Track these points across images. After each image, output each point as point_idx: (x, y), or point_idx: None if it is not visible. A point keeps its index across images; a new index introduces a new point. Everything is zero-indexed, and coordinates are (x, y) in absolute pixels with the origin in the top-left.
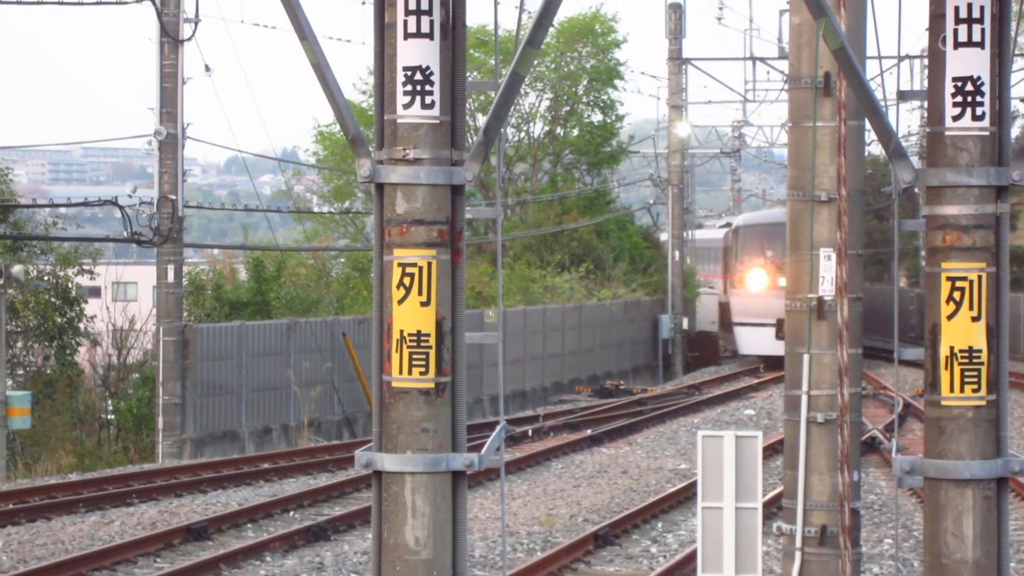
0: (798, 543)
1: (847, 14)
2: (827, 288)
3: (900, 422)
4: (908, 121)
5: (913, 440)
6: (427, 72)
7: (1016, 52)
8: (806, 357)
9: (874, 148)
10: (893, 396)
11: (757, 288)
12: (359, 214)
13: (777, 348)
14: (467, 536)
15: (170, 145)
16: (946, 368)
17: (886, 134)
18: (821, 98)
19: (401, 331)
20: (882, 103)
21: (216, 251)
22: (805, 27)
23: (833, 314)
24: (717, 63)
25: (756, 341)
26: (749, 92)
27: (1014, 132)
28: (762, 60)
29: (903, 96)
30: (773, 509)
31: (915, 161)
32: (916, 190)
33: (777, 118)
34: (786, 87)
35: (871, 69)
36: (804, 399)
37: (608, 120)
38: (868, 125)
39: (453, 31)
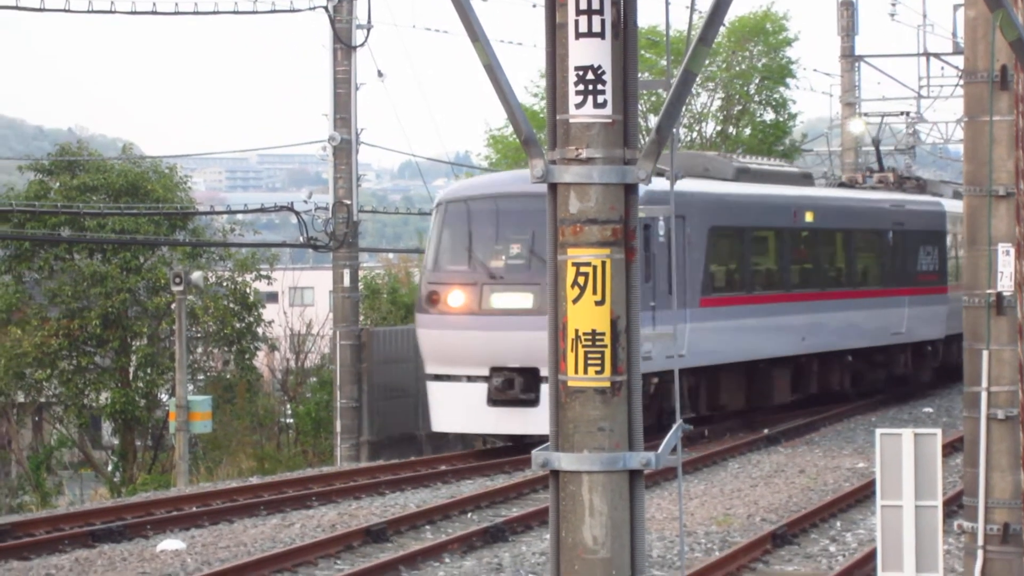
0: (980, 541)
1: None
2: (1006, 283)
3: None
4: None
5: None
6: (599, 71)
7: None
8: (985, 353)
9: None
10: None
11: (460, 310)
12: None
13: (492, 422)
14: (645, 535)
15: (344, 150)
16: None
17: None
18: (998, 92)
19: (576, 330)
20: None
21: (391, 255)
22: (980, 20)
23: (1012, 309)
24: (890, 60)
25: (456, 408)
26: (923, 88)
27: None
28: (936, 56)
29: None
30: (954, 507)
31: None
32: None
33: (952, 114)
34: (961, 82)
35: None
36: (984, 396)
37: (781, 119)
38: None
39: (624, 30)
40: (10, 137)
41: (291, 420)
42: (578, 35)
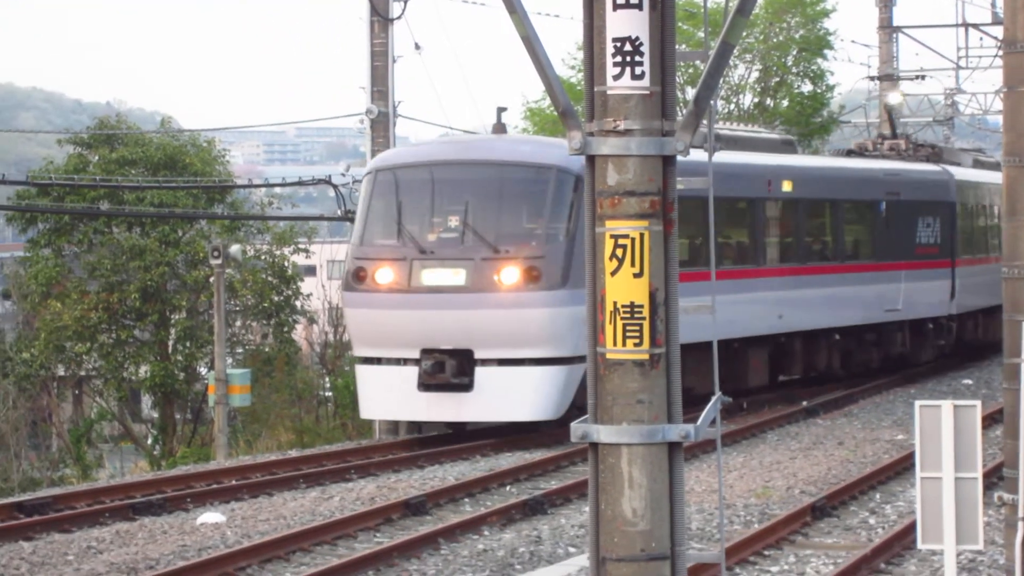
0: (1020, 513)
1: None
2: None
3: None
4: None
5: None
6: (636, 43)
7: None
8: None
9: None
10: None
11: (388, 288)
12: None
13: (423, 408)
14: (684, 508)
15: (381, 123)
16: None
17: None
18: None
19: (614, 303)
20: None
21: None
22: None
23: None
24: (929, 30)
25: (385, 393)
26: (962, 59)
27: None
28: (975, 26)
29: None
30: (994, 479)
31: None
32: None
33: (991, 85)
34: (1000, 53)
35: None
36: None
37: (818, 90)
38: None
39: (662, 1)
40: (49, 111)
41: (330, 393)
42: (616, 6)
